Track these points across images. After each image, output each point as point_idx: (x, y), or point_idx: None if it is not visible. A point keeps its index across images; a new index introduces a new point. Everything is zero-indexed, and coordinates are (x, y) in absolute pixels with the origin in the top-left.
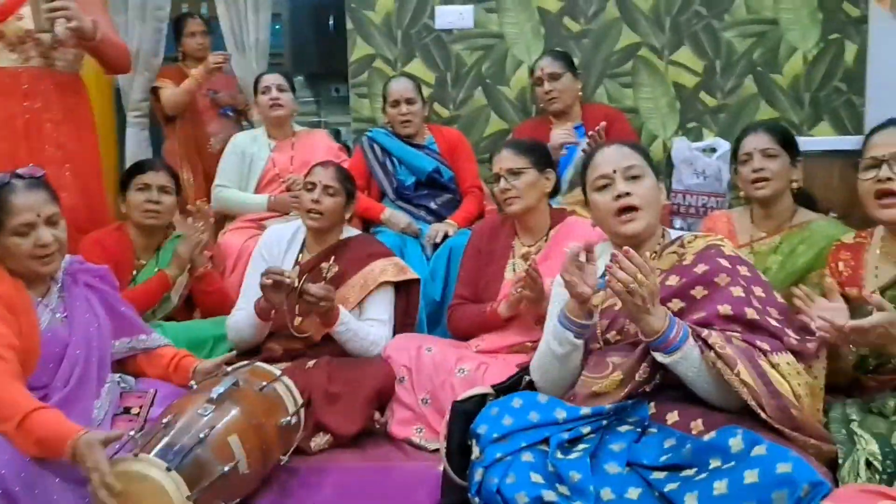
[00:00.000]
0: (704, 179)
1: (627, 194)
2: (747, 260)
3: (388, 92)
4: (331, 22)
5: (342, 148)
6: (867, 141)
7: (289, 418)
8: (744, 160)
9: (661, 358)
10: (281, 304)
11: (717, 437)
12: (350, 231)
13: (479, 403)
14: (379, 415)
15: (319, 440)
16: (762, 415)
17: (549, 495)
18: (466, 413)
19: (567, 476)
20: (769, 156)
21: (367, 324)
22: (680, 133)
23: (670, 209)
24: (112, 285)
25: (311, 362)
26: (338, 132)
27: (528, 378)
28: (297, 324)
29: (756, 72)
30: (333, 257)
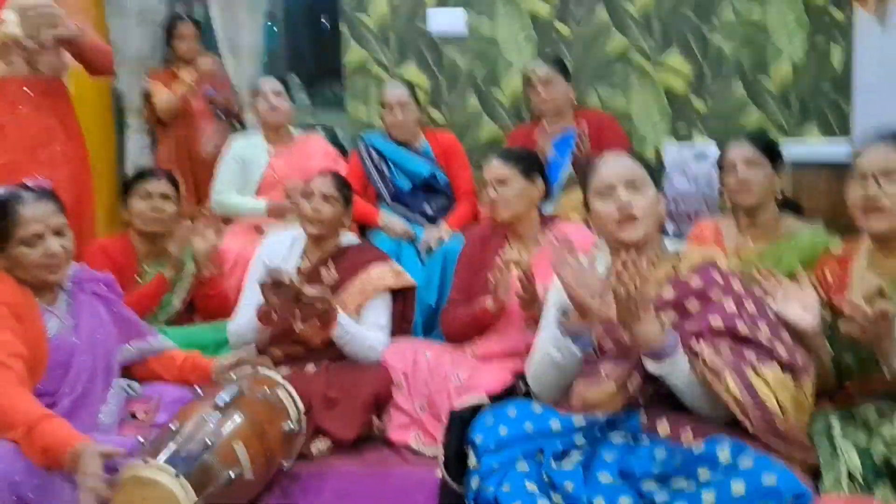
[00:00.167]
0: (696, 184)
1: (629, 204)
2: (740, 275)
3: (383, 96)
4: (325, 23)
5: (339, 153)
6: (857, 155)
7: (291, 424)
8: (727, 170)
9: (651, 367)
10: (279, 305)
11: (706, 448)
12: (348, 237)
13: (475, 412)
14: (377, 420)
15: (320, 445)
16: (748, 426)
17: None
18: (463, 421)
19: (561, 485)
20: (752, 165)
21: (366, 328)
22: (671, 137)
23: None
24: (117, 293)
25: (311, 368)
26: (333, 132)
27: (523, 387)
28: (298, 329)
29: (744, 75)
30: (332, 264)
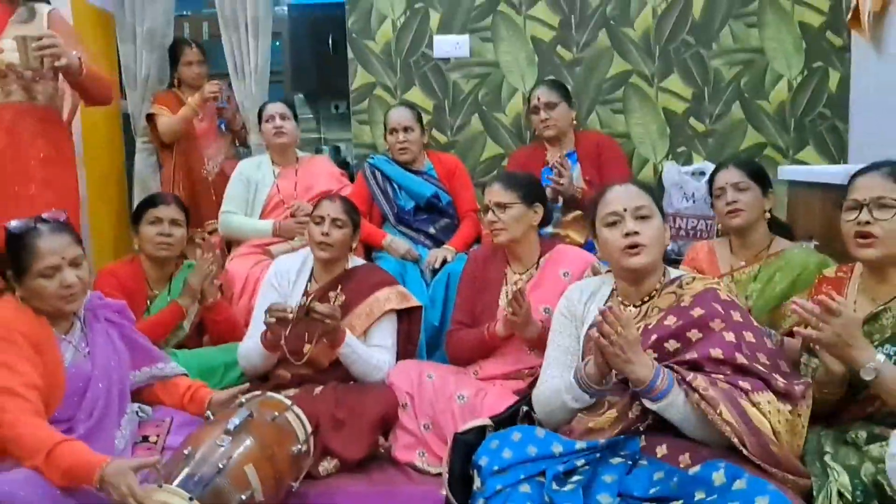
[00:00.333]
0: (694, 203)
1: (636, 233)
2: (740, 305)
3: (388, 120)
4: (330, 41)
5: (344, 173)
6: (850, 183)
7: (300, 446)
8: (718, 194)
9: (649, 404)
10: (285, 337)
11: (702, 471)
12: (355, 261)
13: (478, 434)
14: (383, 439)
15: (327, 465)
16: (744, 451)
17: None
18: (467, 444)
19: None
20: (740, 189)
21: (371, 349)
22: (670, 157)
23: None
24: (129, 319)
25: (319, 389)
26: (337, 149)
27: (525, 409)
28: (305, 351)
29: (743, 98)
30: (340, 286)
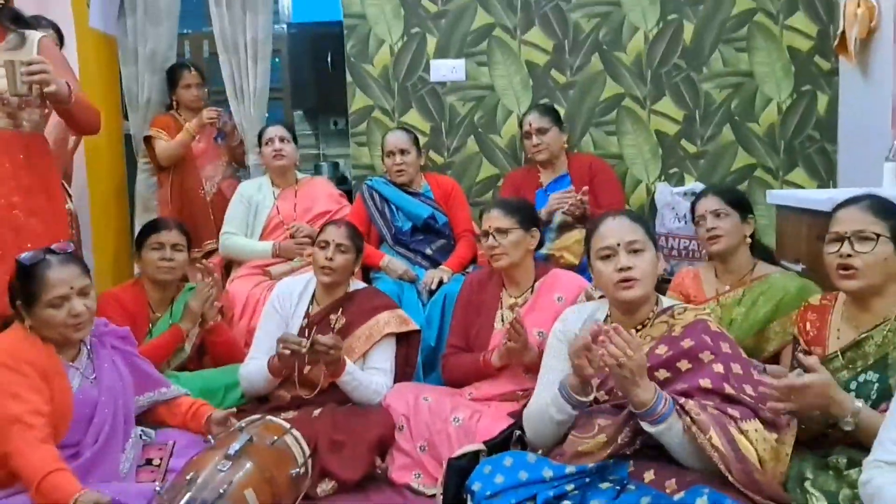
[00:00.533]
0: (686, 223)
1: (629, 268)
2: (729, 336)
3: (385, 143)
4: (329, 59)
5: (342, 193)
6: (833, 215)
7: (298, 469)
8: (699, 222)
9: (648, 427)
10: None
11: (687, 497)
12: (356, 284)
13: (472, 459)
14: (380, 461)
15: (325, 486)
16: (729, 477)
17: None
18: (461, 469)
19: None
20: (719, 216)
21: (370, 372)
22: (662, 178)
23: None
24: (133, 345)
25: (317, 411)
26: (336, 165)
27: (517, 433)
28: (305, 372)
29: (733, 121)
30: (341, 310)
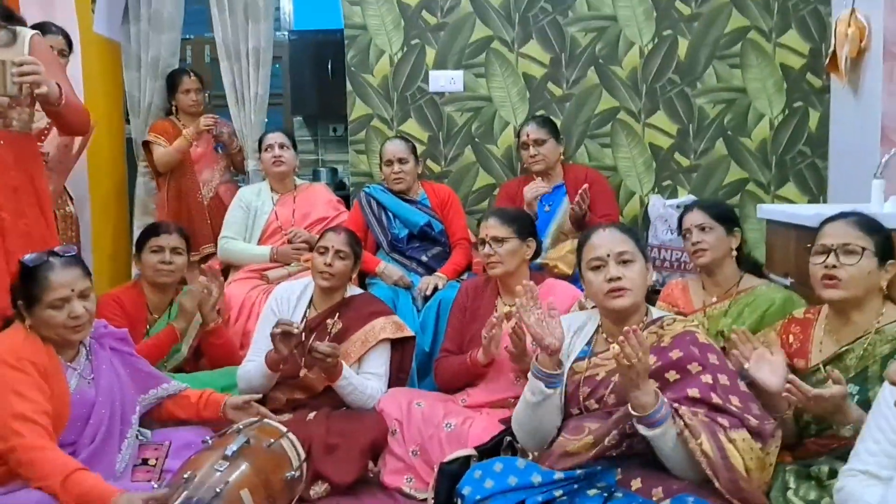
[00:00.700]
0: (678, 235)
1: (619, 278)
2: (717, 347)
3: (384, 152)
4: (329, 66)
5: (340, 200)
6: (820, 229)
7: (293, 472)
8: (685, 235)
9: (644, 431)
10: (288, 353)
11: None
12: (353, 290)
13: (463, 464)
14: (373, 464)
15: (318, 488)
16: (716, 484)
17: None
18: (452, 473)
19: None
20: (704, 230)
21: (365, 377)
22: (655, 191)
23: None
24: (131, 346)
25: (312, 414)
26: (334, 170)
27: (508, 439)
28: (302, 375)
29: (726, 135)
30: (338, 314)
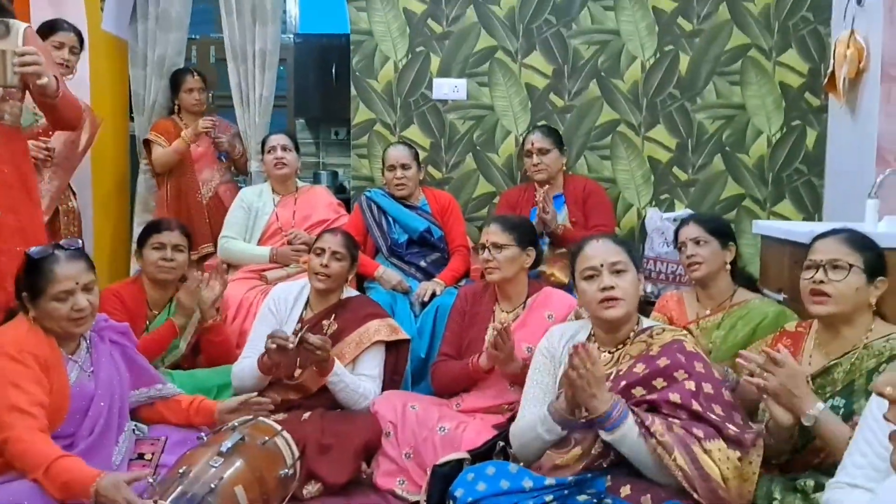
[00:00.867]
0: (674, 248)
1: (612, 287)
2: (704, 356)
3: (387, 157)
4: (333, 70)
5: (341, 203)
6: (811, 245)
7: (287, 470)
8: (680, 248)
9: (604, 435)
10: (281, 363)
11: None
12: (349, 291)
13: (456, 467)
14: (366, 466)
15: (311, 488)
16: (695, 495)
17: None
18: (445, 476)
19: None
20: (699, 243)
21: (359, 378)
22: (653, 203)
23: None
24: (132, 341)
25: (306, 414)
26: (335, 174)
27: (501, 444)
28: (296, 375)
29: (724, 151)
30: (334, 315)
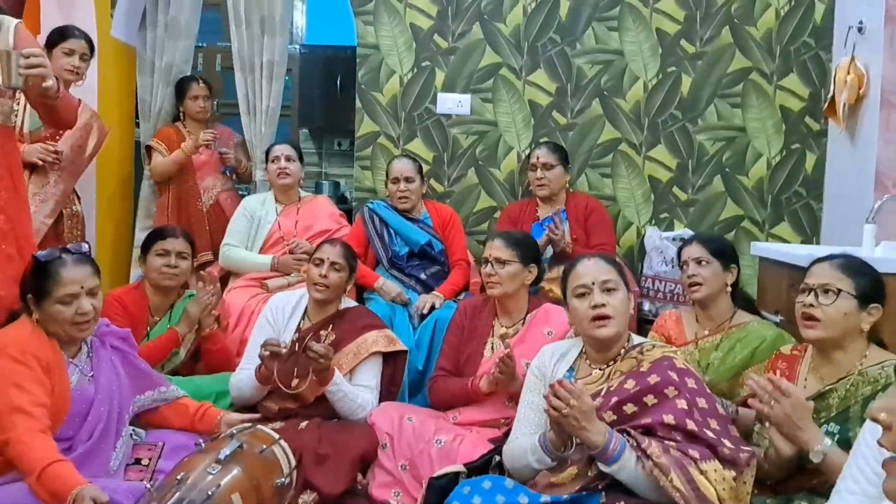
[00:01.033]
0: (672, 267)
1: (603, 305)
2: (695, 372)
3: (391, 170)
4: (338, 81)
5: (343, 214)
6: (808, 269)
7: (283, 479)
8: (682, 268)
9: (602, 467)
10: (278, 370)
11: None
12: (348, 302)
13: (452, 480)
14: (362, 476)
15: (307, 497)
16: None
17: None
18: (441, 488)
19: None
20: (701, 263)
21: (356, 389)
22: (653, 222)
23: (639, 293)
24: (133, 346)
25: (304, 424)
26: (337, 184)
27: (497, 458)
28: (293, 385)
29: (724, 172)
30: (332, 326)
